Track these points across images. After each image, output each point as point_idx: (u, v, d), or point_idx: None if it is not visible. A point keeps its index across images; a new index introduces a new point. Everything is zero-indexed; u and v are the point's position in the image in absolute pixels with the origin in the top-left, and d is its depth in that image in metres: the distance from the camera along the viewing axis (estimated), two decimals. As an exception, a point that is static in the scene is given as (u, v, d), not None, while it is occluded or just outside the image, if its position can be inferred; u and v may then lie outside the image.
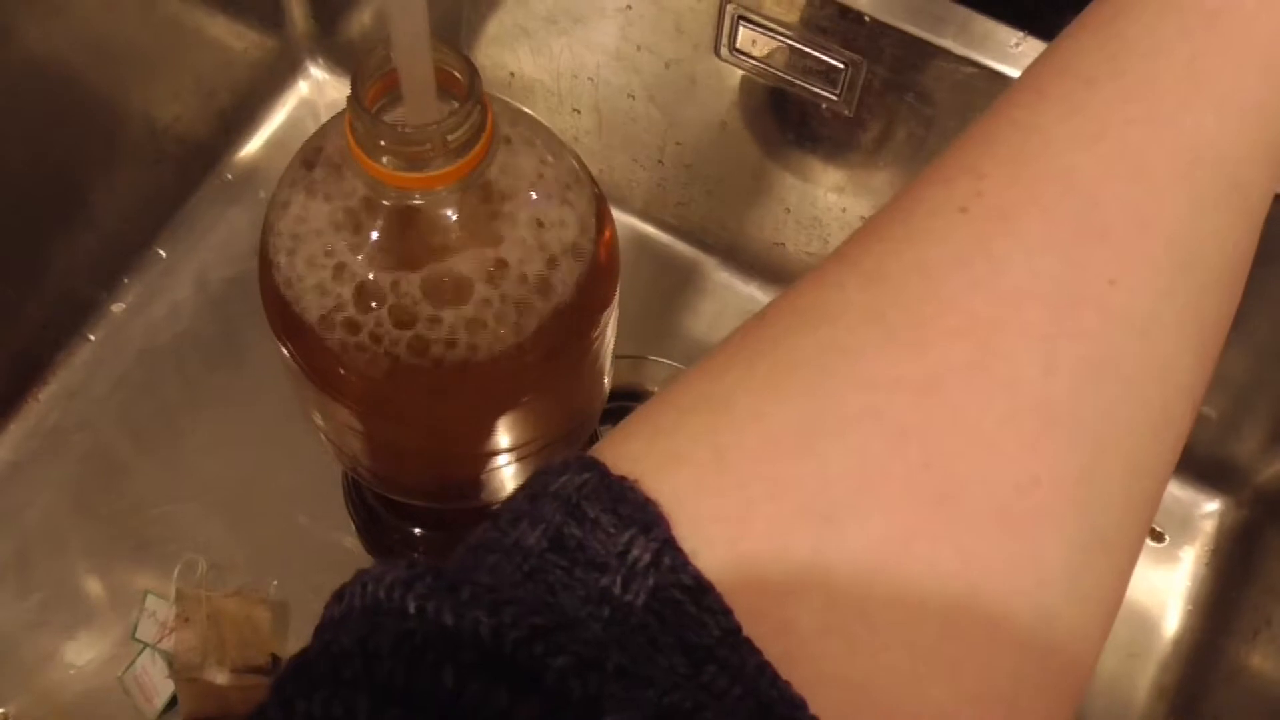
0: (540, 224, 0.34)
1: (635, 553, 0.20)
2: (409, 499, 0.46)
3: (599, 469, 0.22)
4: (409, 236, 0.33)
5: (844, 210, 0.64)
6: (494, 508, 0.46)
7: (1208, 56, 0.24)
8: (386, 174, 0.31)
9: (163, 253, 0.70)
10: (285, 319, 0.35)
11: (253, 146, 0.74)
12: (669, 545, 0.20)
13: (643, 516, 0.21)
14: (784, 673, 0.20)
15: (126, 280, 0.69)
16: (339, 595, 0.21)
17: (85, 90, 0.63)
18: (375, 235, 0.34)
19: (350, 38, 0.72)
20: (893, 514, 0.21)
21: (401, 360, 0.34)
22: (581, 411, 0.42)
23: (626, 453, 0.22)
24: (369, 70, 0.31)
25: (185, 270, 0.70)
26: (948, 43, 0.52)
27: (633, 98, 0.64)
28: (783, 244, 0.68)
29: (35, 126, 0.60)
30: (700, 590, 0.20)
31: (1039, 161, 0.24)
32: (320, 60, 0.75)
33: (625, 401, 0.64)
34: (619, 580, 0.20)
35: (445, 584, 0.20)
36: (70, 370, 0.67)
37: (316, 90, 0.75)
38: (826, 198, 0.64)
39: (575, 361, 0.38)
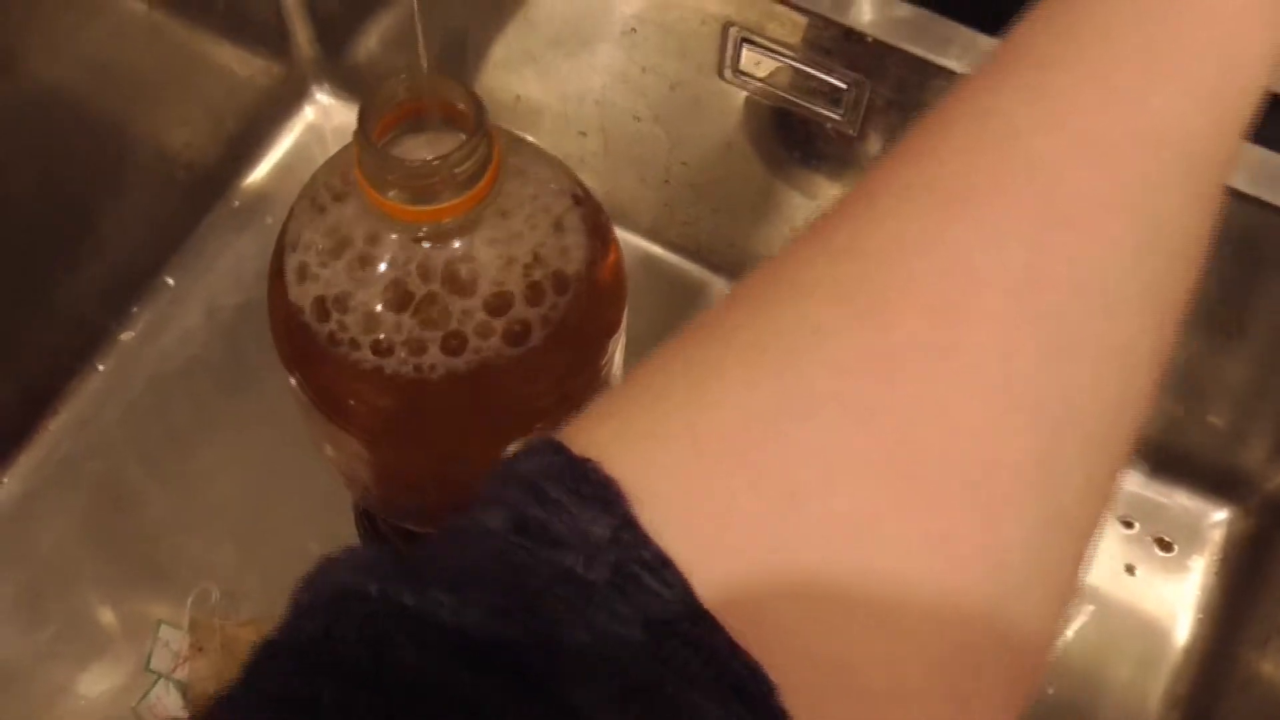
0: (546, 252, 0.34)
1: (596, 530, 0.21)
2: (420, 526, 0.46)
3: (564, 451, 0.22)
4: (416, 267, 0.33)
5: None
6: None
7: (1166, 41, 0.25)
8: (394, 207, 0.32)
9: (171, 281, 0.71)
10: (295, 348, 0.35)
11: (260, 173, 0.74)
12: (629, 522, 0.21)
13: (603, 495, 0.21)
14: (755, 652, 0.20)
15: (135, 309, 0.69)
16: (306, 582, 0.21)
17: (93, 118, 0.63)
18: (383, 267, 0.34)
19: (356, 62, 0.73)
20: (859, 494, 0.21)
21: (409, 390, 0.34)
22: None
23: (599, 436, 0.23)
24: (377, 105, 0.31)
25: (194, 298, 0.70)
26: (951, 62, 0.53)
27: (638, 119, 0.64)
28: (788, 262, 0.68)
29: (43, 154, 0.60)
30: (661, 564, 0.20)
31: (1001, 145, 0.24)
32: (326, 85, 0.75)
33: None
34: (581, 559, 0.20)
35: (407, 568, 0.20)
36: (80, 400, 0.67)
37: (323, 115, 0.75)
38: (832, 215, 0.64)
39: (584, 387, 0.38)
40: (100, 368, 0.68)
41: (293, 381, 0.37)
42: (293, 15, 0.72)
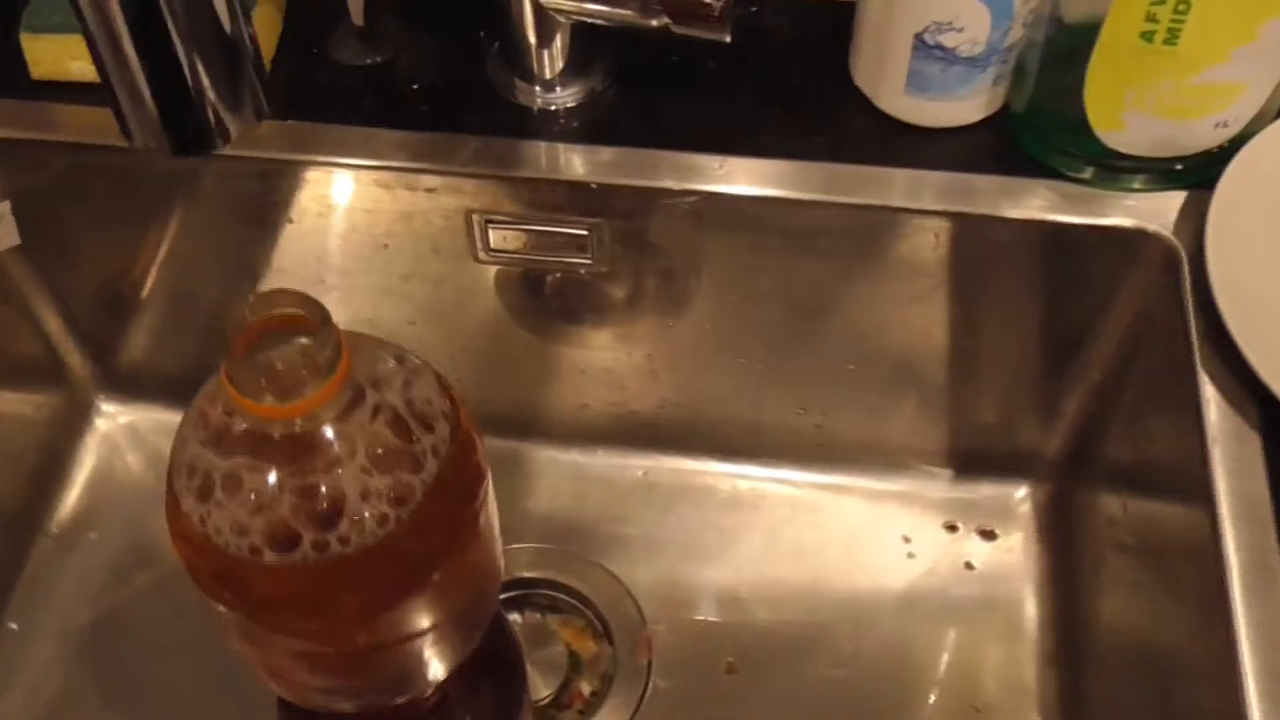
0: (409, 414, 0.39)
1: None
2: (343, 708, 0.48)
3: None
4: (296, 458, 0.37)
5: (629, 354, 0.71)
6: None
7: None
8: (270, 410, 0.36)
9: (15, 625, 0.71)
10: (201, 557, 0.38)
11: (70, 496, 0.76)
12: None
13: None
14: None
15: (-12, 661, 0.69)
16: None
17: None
18: (268, 470, 0.37)
19: (132, 363, 0.76)
20: None
21: (318, 575, 0.37)
22: (481, 587, 0.46)
23: None
24: (233, 327, 0.36)
25: (42, 634, 0.71)
26: (667, 183, 0.61)
27: (413, 324, 0.70)
28: (587, 404, 0.74)
29: None
30: None
31: None
32: (107, 394, 0.78)
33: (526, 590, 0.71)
34: None
35: None
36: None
37: (112, 422, 0.78)
38: (612, 350, 0.71)
39: (466, 537, 0.42)
40: (-31, 729, 0.67)
41: (220, 608, 0.39)
42: (61, 343, 0.75)
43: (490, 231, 0.64)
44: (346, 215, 0.64)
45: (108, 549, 0.74)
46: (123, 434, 0.78)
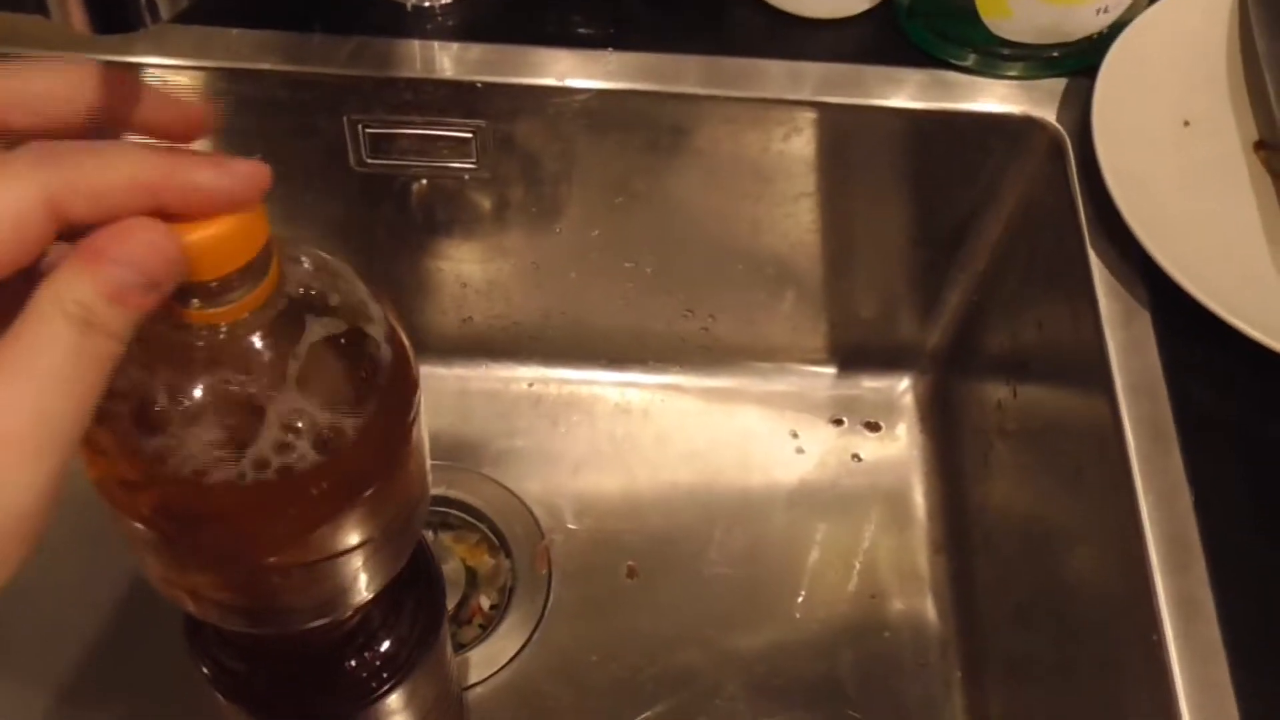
0: (342, 321, 0.37)
1: None
2: (266, 628, 0.46)
3: None
4: (225, 368, 0.35)
5: (513, 264, 0.69)
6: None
7: None
8: (197, 314, 0.34)
9: None
10: (117, 472, 0.36)
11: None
12: None
13: None
14: None
15: None
16: None
17: None
18: (193, 375, 0.35)
19: None
20: None
21: (243, 490, 0.35)
22: (411, 504, 0.44)
23: None
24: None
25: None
26: (555, 80, 0.59)
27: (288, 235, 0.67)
28: (470, 317, 0.73)
29: None
30: None
31: None
32: None
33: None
34: None
35: None
36: None
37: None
38: (495, 260, 0.69)
39: (401, 450, 0.40)
40: None
41: (138, 526, 0.37)
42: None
43: (368, 137, 0.61)
44: (217, 121, 0.61)
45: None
46: None
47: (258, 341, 0.35)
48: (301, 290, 0.37)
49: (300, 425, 0.36)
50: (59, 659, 0.63)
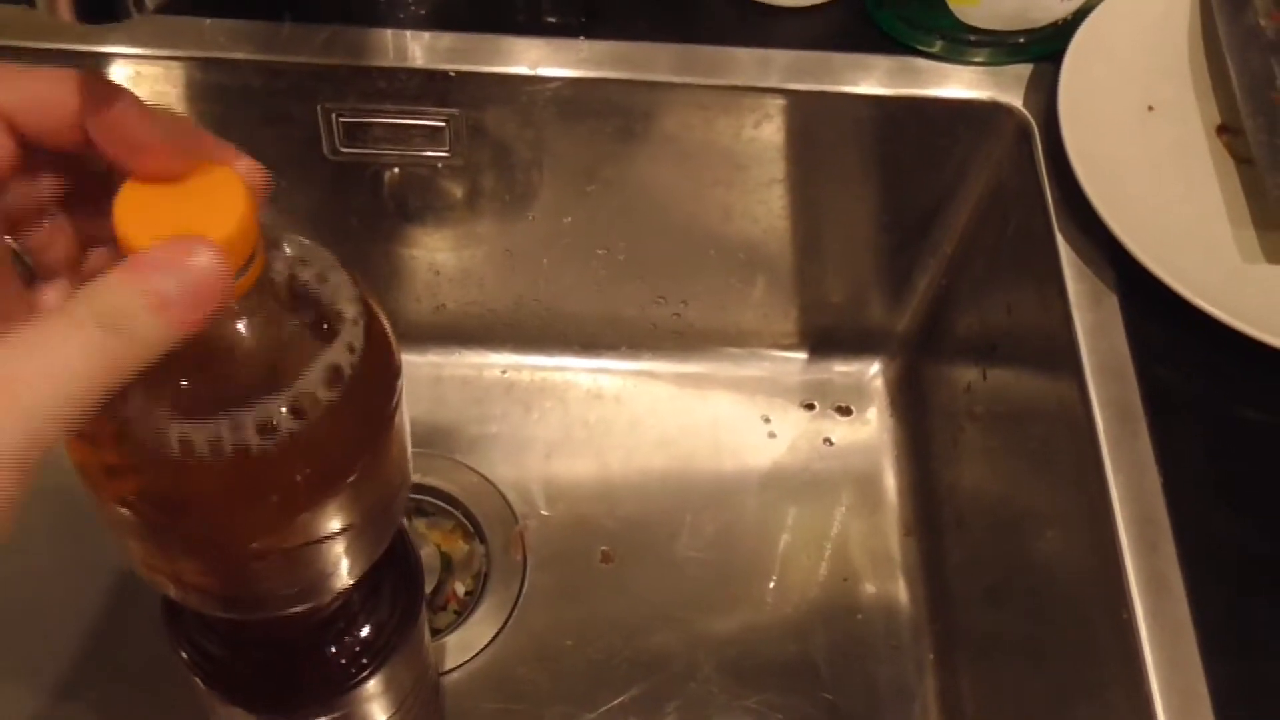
0: (324, 307, 0.37)
1: None
2: (248, 613, 0.46)
3: None
4: (209, 351, 0.35)
5: (487, 251, 0.69)
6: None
7: None
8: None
9: None
10: (100, 455, 0.36)
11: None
12: None
13: None
14: None
15: None
16: None
17: None
18: (179, 357, 0.35)
19: None
20: None
21: (226, 472, 0.35)
22: (392, 490, 0.45)
23: None
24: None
25: None
26: (528, 69, 0.59)
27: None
28: (443, 304, 0.73)
29: None
30: None
31: None
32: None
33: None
34: None
35: None
36: None
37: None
38: (469, 247, 0.69)
39: (383, 436, 0.40)
40: None
41: (123, 511, 0.37)
42: None
43: (342, 125, 0.61)
44: (191, 110, 0.61)
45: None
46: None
47: (241, 327, 0.35)
48: (284, 276, 0.37)
49: (284, 411, 0.36)
50: (36, 646, 0.63)
